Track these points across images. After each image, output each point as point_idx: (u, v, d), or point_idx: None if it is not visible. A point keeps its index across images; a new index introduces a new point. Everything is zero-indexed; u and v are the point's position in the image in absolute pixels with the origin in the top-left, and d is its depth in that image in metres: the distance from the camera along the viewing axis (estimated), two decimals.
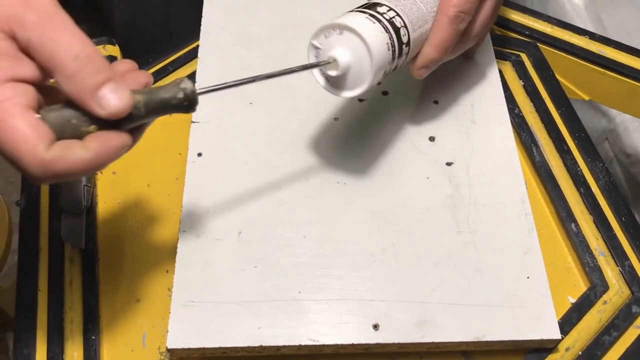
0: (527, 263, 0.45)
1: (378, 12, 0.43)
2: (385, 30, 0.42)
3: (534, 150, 0.52)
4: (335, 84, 0.43)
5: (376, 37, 0.41)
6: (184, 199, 0.47)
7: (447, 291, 0.43)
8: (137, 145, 0.54)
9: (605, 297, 0.45)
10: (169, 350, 0.41)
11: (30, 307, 0.45)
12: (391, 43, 0.42)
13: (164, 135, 0.53)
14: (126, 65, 0.36)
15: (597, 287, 0.45)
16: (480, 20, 0.48)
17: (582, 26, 0.92)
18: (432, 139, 0.51)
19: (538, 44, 0.60)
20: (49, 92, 0.34)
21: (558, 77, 0.58)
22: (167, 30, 0.73)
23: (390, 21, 0.43)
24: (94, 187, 0.50)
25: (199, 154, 0.50)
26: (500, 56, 0.58)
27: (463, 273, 0.44)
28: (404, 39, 0.44)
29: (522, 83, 0.57)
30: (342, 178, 0.49)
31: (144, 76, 0.37)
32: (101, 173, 0.52)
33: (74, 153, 0.32)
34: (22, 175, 0.33)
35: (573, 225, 0.48)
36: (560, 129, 0.54)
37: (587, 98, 0.61)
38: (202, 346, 0.41)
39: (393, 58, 0.43)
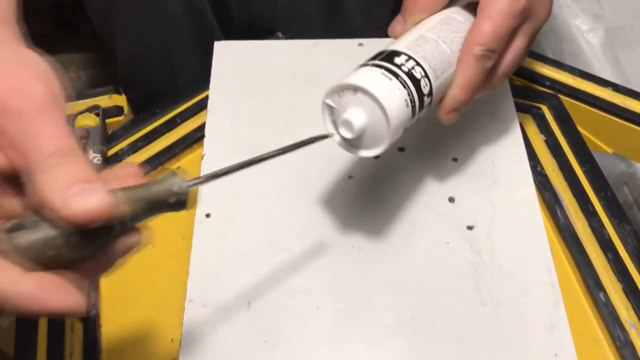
0: (554, 339, 0.42)
1: (395, 64, 0.40)
2: (403, 86, 0.39)
3: (558, 212, 0.50)
4: (352, 142, 0.41)
5: (392, 95, 0.39)
6: (191, 266, 0.45)
7: None
8: None
9: None
10: None
11: None
12: (410, 99, 0.39)
13: None
14: (129, 169, 0.31)
15: None
16: (508, 59, 0.44)
17: (598, 65, 0.91)
18: (451, 199, 0.49)
19: (560, 96, 0.57)
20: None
21: (580, 129, 0.56)
22: (171, 72, 0.71)
23: (409, 73, 0.40)
24: None
25: (207, 215, 0.48)
26: (520, 109, 0.56)
27: (487, 349, 0.41)
28: (425, 90, 0.41)
29: (544, 138, 0.54)
30: (356, 242, 0.46)
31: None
32: None
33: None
34: None
35: (601, 294, 0.46)
36: (585, 188, 0.51)
37: (610, 151, 0.59)
38: None
39: (413, 114, 0.40)
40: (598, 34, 0.92)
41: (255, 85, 0.56)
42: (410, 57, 0.41)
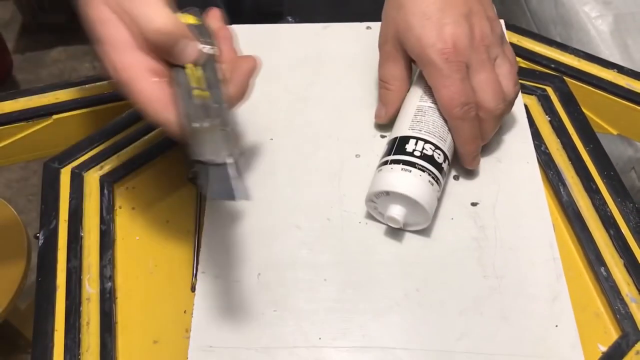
0: (555, 311, 0.43)
1: (408, 153, 0.45)
2: (422, 170, 0.44)
3: (561, 190, 0.51)
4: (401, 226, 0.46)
5: (417, 185, 0.44)
6: (203, 238, 0.47)
7: (473, 340, 0.42)
8: (157, 179, 0.54)
9: (637, 346, 0.43)
10: None
11: (47, 349, 0.44)
12: (432, 176, 0.44)
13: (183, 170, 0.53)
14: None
15: (629, 336, 0.44)
16: (484, 93, 0.46)
17: (607, 52, 0.91)
18: (456, 177, 0.50)
19: (564, 78, 0.58)
20: None
21: (585, 111, 0.57)
22: None
23: (422, 156, 0.45)
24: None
25: None
26: (525, 90, 0.57)
27: (489, 321, 0.43)
28: (440, 159, 0.45)
29: (549, 118, 0.55)
30: (363, 218, 0.48)
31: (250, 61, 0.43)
32: (120, 208, 0.51)
33: None
34: None
35: (603, 269, 0.47)
36: (589, 167, 0.52)
37: (615, 132, 0.60)
38: None
39: (439, 183, 0.45)
40: (607, 20, 0.93)
41: (266, 68, 0.57)
42: (417, 139, 0.46)
